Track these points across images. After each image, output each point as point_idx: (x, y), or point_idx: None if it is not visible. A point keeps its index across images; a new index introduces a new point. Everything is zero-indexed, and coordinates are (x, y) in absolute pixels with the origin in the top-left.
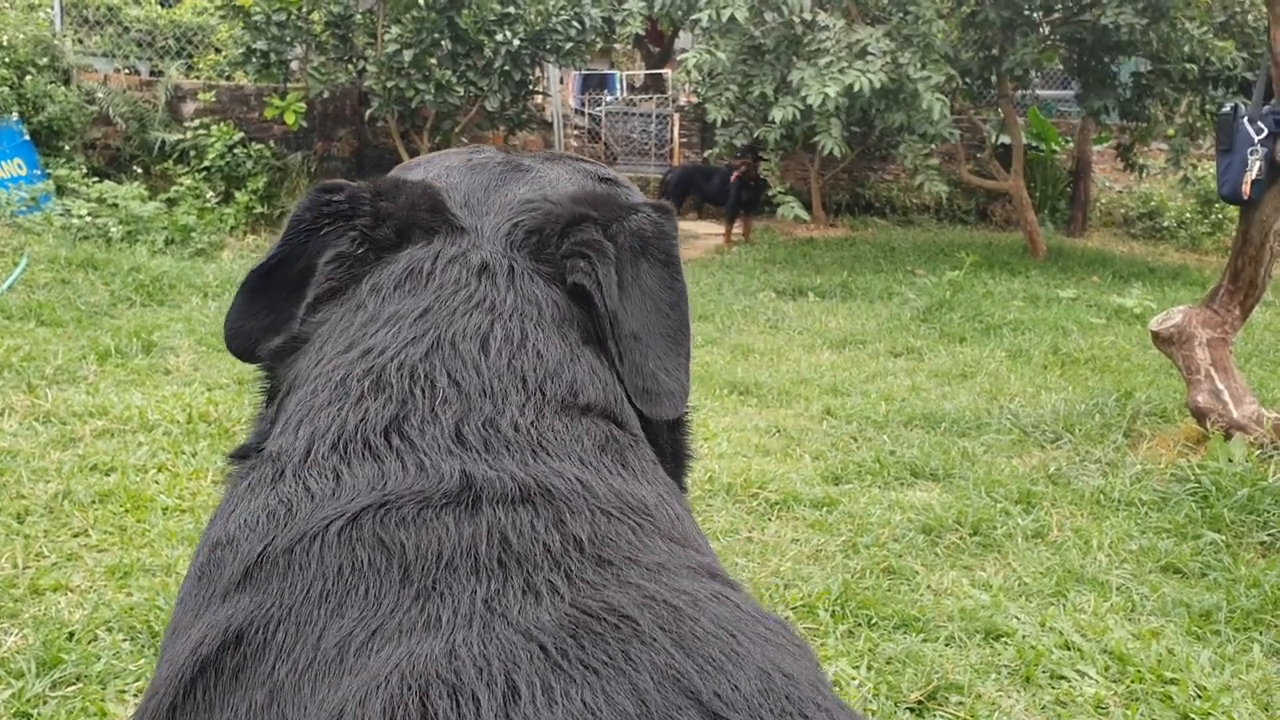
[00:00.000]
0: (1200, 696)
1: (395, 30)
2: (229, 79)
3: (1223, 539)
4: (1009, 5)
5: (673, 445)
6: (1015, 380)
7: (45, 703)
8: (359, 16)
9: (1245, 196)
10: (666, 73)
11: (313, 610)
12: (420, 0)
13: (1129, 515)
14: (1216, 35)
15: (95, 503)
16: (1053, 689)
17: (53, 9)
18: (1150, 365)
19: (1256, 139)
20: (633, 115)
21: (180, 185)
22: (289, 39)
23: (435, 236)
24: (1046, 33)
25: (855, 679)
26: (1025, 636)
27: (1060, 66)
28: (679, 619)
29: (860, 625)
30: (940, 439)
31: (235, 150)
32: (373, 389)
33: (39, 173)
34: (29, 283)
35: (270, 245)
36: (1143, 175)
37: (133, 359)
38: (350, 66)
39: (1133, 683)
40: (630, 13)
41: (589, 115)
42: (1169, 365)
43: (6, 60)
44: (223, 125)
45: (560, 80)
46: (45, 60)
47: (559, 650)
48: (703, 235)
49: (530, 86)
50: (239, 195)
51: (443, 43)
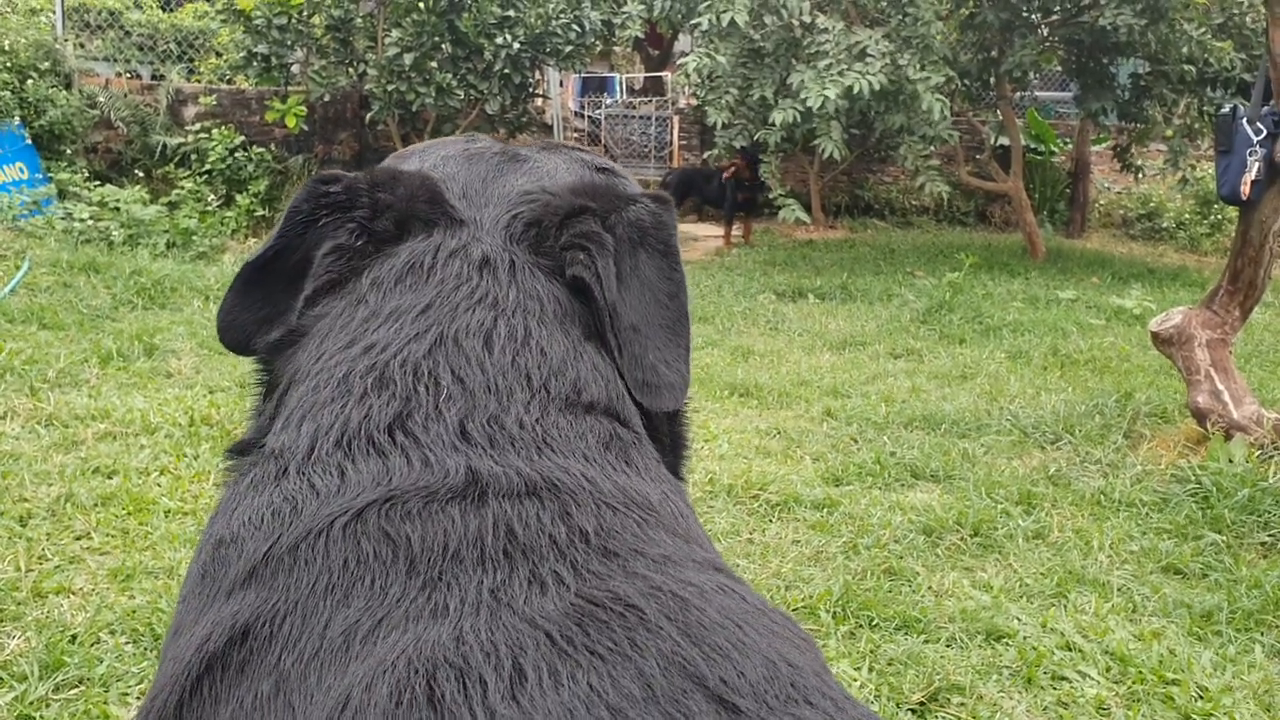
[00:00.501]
0: (1202, 697)
1: (395, 34)
2: (230, 83)
3: (1223, 540)
4: (1007, 7)
5: (672, 436)
6: (1015, 381)
7: (48, 706)
8: (359, 20)
9: (1244, 197)
10: (666, 75)
11: (319, 602)
12: (420, 4)
13: (1130, 516)
14: (1215, 36)
15: (98, 506)
16: (1054, 690)
17: (54, 13)
18: (1150, 366)
19: (1255, 140)
20: (632, 118)
21: (181, 189)
22: (290, 43)
23: (435, 229)
24: (1045, 34)
25: (857, 680)
26: (1026, 637)
27: (1059, 68)
28: (685, 608)
29: (861, 626)
30: (940, 440)
31: (236, 154)
32: (376, 386)
33: (41, 176)
34: (31, 286)
35: (266, 237)
36: (1140, 176)
37: (134, 362)
38: (351, 70)
39: (1134, 684)
40: (630, 16)
41: (589, 118)
42: (1169, 366)
43: (8, 65)
44: (224, 129)
45: (560, 83)
46: (47, 64)
47: (565, 637)
48: (702, 237)
49: (530, 89)
50: (240, 198)
51: (443, 46)
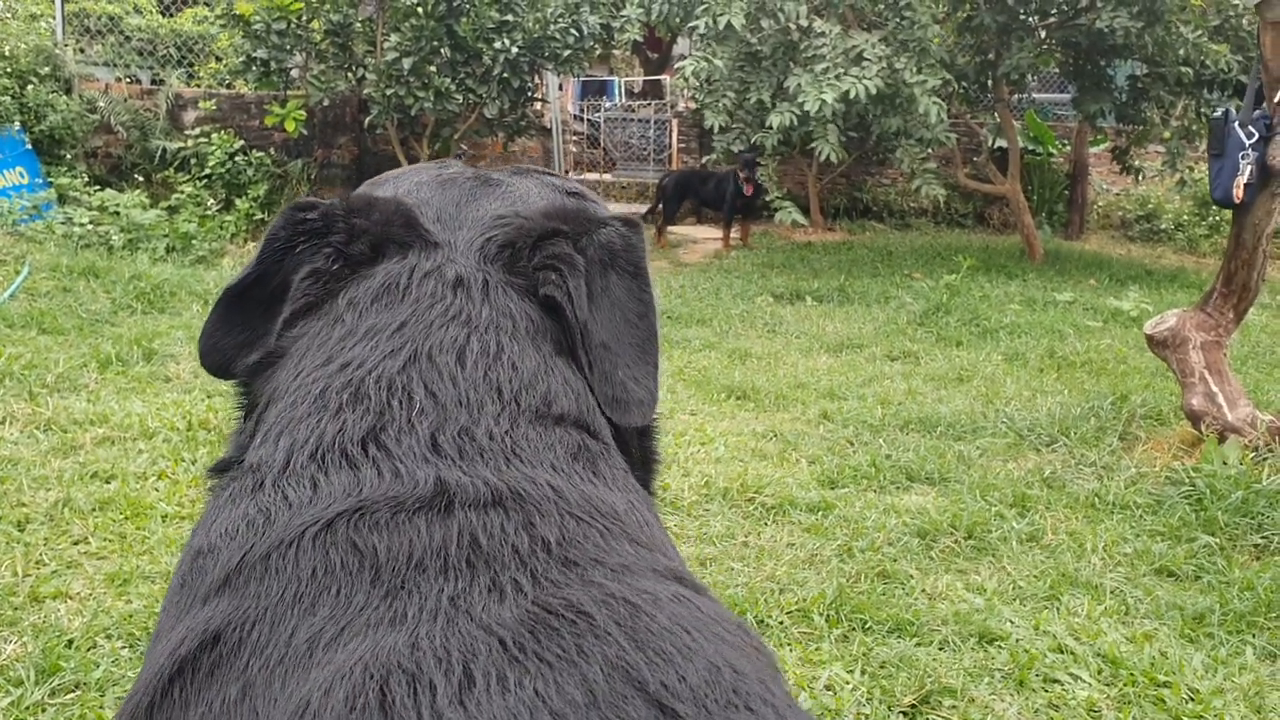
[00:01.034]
0: (1193, 699)
1: (394, 38)
2: (229, 87)
3: (1217, 542)
4: (1004, 10)
5: (642, 451)
6: (1011, 384)
7: (44, 710)
8: (358, 25)
9: (1237, 200)
10: (664, 79)
11: (286, 610)
12: (419, 8)
13: (1123, 518)
14: (1211, 39)
15: (95, 510)
16: (1046, 692)
17: (54, 19)
18: (1146, 368)
19: (1247, 143)
20: (631, 121)
21: (181, 193)
22: (289, 47)
23: (410, 251)
24: (1042, 37)
25: (849, 683)
26: (1019, 640)
27: (1056, 70)
28: (635, 615)
29: (854, 629)
30: (936, 443)
31: (236, 158)
32: (351, 401)
33: (41, 181)
34: (30, 291)
35: (245, 264)
36: (1138, 178)
37: (133, 367)
38: (350, 74)
39: (1125, 686)
40: (628, 20)
41: (588, 121)
42: (1164, 368)
43: (9, 70)
44: (223, 133)
45: (559, 87)
46: (47, 69)
47: (516, 644)
48: (700, 240)
49: (529, 93)
50: (240, 203)
51: (442, 50)
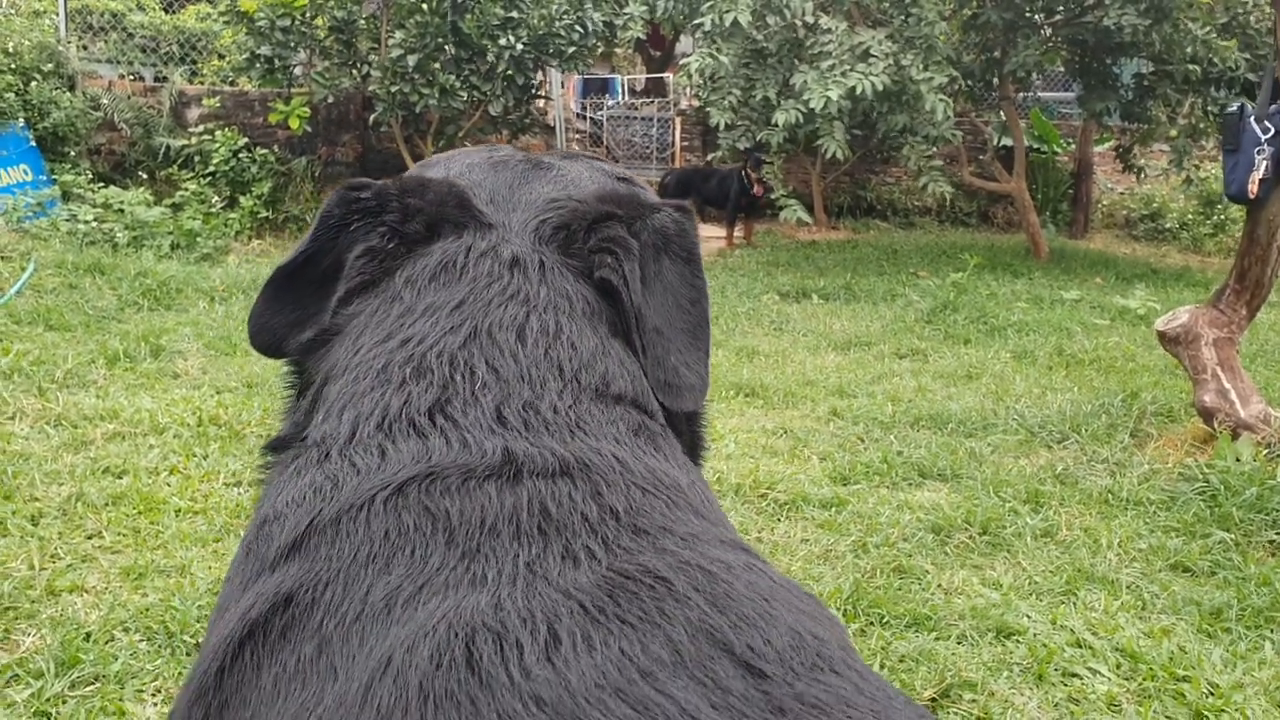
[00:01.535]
0: (1212, 694)
1: (399, 35)
2: (233, 84)
3: (1232, 537)
4: (1011, 7)
5: (691, 436)
6: (1021, 381)
7: (64, 702)
8: (363, 22)
9: (1252, 196)
10: (668, 76)
11: (360, 570)
12: (424, 5)
13: (1137, 514)
14: (1219, 36)
15: (108, 505)
16: (1065, 686)
17: (57, 15)
18: (1155, 366)
19: (1263, 138)
20: (634, 119)
21: (185, 190)
22: (293, 44)
23: (465, 231)
24: (1048, 34)
25: None
26: (1036, 634)
27: (1062, 68)
28: (713, 582)
29: (872, 624)
30: (947, 439)
31: (240, 155)
32: (414, 375)
33: (45, 178)
34: (36, 288)
35: (298, 243)
36: (1142, 177)
37: (141, 363)
38: (354, 71)
39: (1145, 680)
40: (632, 17)
41: (590, 119)
42: (1174, 365)
43: (12, 67)
44: (227, 130)
45: (562, 84)
46: (50, 66)
47: (597, 607)
48: (704, 238)
49: (533, 90)
50: (244, 200)
51: (446, 47)
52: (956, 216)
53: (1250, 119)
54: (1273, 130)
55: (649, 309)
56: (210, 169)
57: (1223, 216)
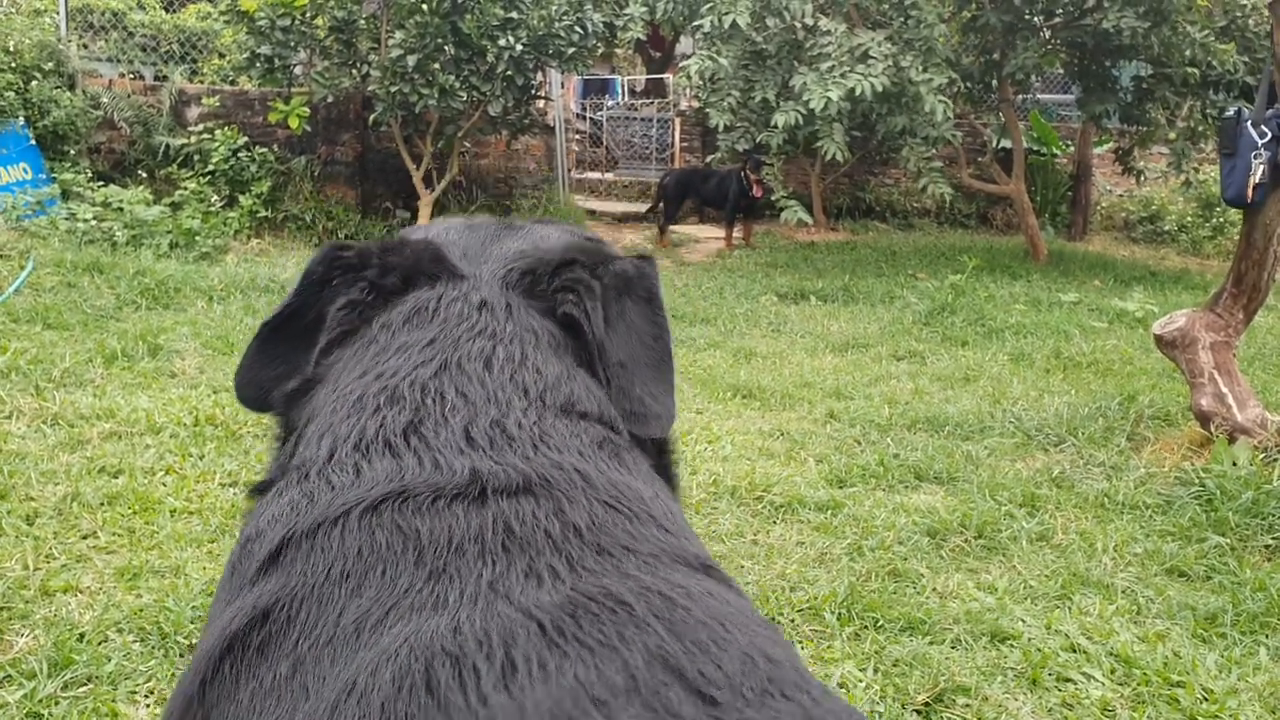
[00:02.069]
0: (1207, 699)
1: (399, 35)
2: (233, 84)
3: (1227, 542)
4: (1010, 9)
5: (660, 469)
6: (1018, 384)
7: (57, 703)
8: (363, 21)
9: (1249, 200)
10: (667, 77)
11: (334, 589)
12: (423, 5)
13: (1133, 518)
14: (1218, 39)
15: (104, 505)
16: (1059, 691)
17: (58, 14)
18: (1153, 369)
19: (1260, 143)
20: (634, 120)
21: (185, 189)
22: (293, 44)
23: (438, 282)
24: (1047, 37)
25: (862, 681)
26: (1031, 639)
27: (1061, 71)
28: (671, 607)
29: (866, 628)
30: (944, 442)
31: (239, 154)
32: (388, 402)
33: (44, 177)
34: (35, 286)
35: (281, 299)
36: (1141, 179)
37: (139, 362)
38: (354, 71)
39: (1139, 685)
40: (632, 18)
41: (590, 120)
42: (1171, 369)
43: (12, 65)
44: (227, 130)
45: (562, 85)
46: (50, 65)
47: (556, 628)
48: (703, 239)
49: (533, 91)
50: (243, 199)
51: (446, 48)
52: (955, 218)
53: (1247, 123)
54: (1269, 135)
55: (612, 344)
56: (210, 168)
57: (1221, 219)
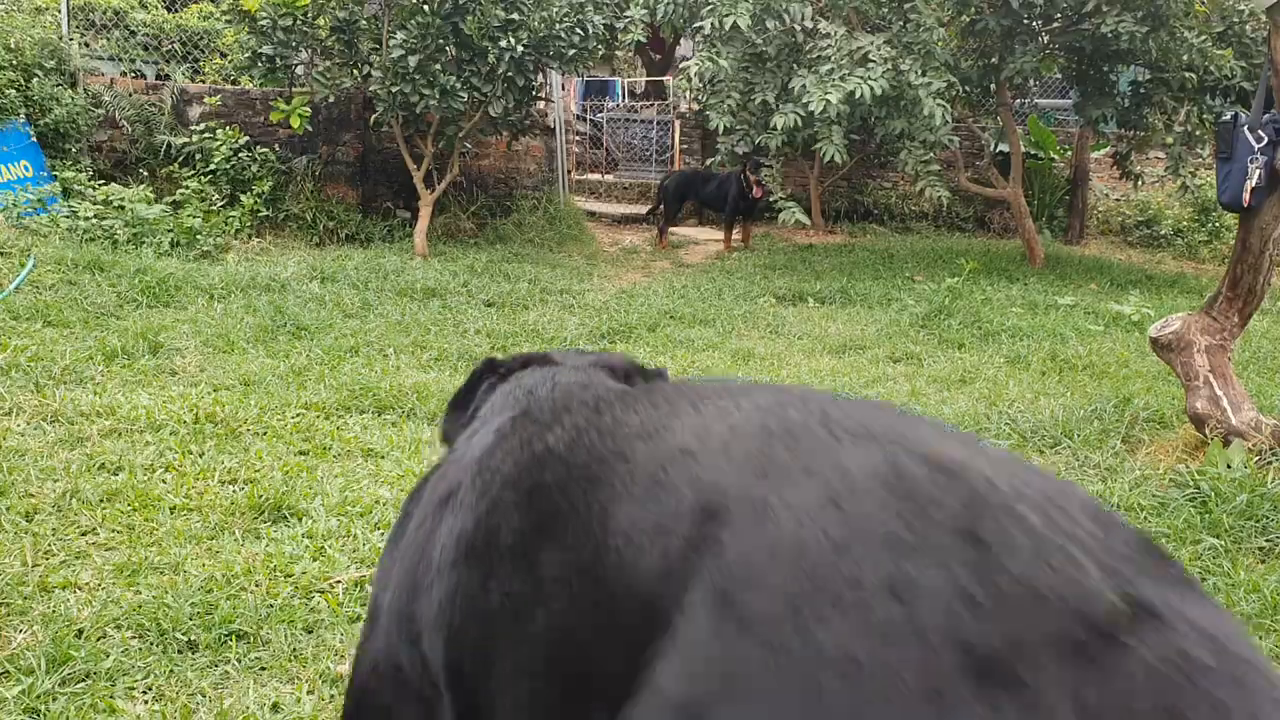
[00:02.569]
0: None
1: (400, 36)
2: (235, 83)
3: (1222, 544)
4: (1009, 14)
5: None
6: (1014, 386)
7: (55, 699)
8: (364, 22)
9: (1245, 204)
10: (667, 80)
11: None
12: (425, 6)
13: (1128, 520)
14: (1215, 44)
15: (103, 501)
16: None
17: (59, 12)
18: (1148, 372)
19: (1257, 147)
20: (634, 121)
21: (186, 188)
22: (295, 44)
23: (544, 365)
24: (1046, 41)
25: None
26: None
27: (1059, 75)
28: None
29: None
30: None
31: (241, 154)
32: (524, 388)
33: (45, 175)
34: (35, 284)
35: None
36: (1139, 184)
37: (139, 360)
38: (355, 71)
39: None
40: (632, 20)
41: (590, 121)
42: (1167, 372)
43: (13, 63)
44: (228, 129)
45: (563, 86)
46: (52, 63)
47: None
48: (702, 241)
49: (533, 92)
50: (244, 198)
51: (447, 49)
52: (953, 222)
53: (1244, 128)
54: (1266, 139)
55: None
56: (211, 167)
57: (1218, 224)
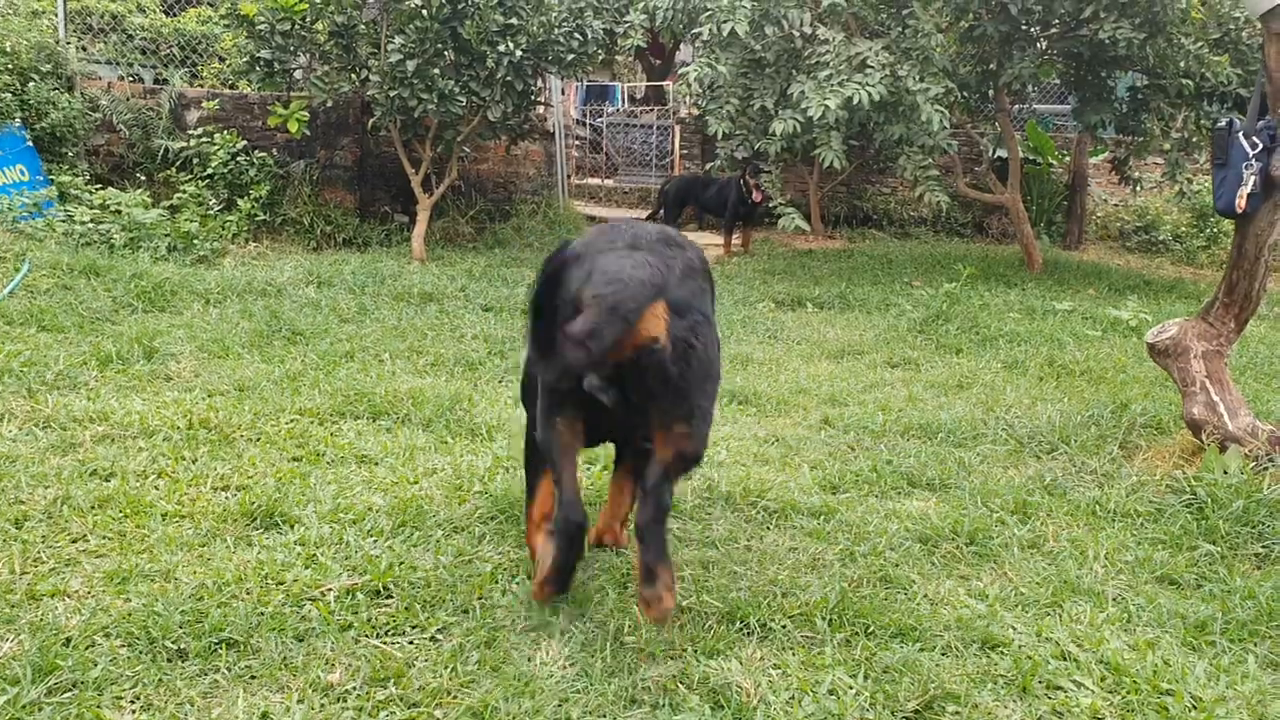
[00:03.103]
0: (1196, 707)
1: (398, 40)
2: (233, 87)
3: (1218, 550)
4: (1007, 20)
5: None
6: (1011, 391)
7: (41, 709)
8: (362, 26)
9: (1240, 210)
10: (667, 85)
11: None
12: (423, 11)
13: (1125, 526)
14: (1212, 51)
15: (94, 508)
16: (1049, 699)
17: (56, 16)
18: (1145, 377)
19: (1251, 154)
20: (634, 126)
21: (183, 192)
22: (293, 48)
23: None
24: (1044, 47)
25: (852, 688)
26: (1021, 646)
27: (1057, 81)
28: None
29: (857, 634)
30: (937, 449)
31: (238, 158)
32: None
33: (41, 179)
34: (30, 288)
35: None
36: (1137, 189)
37: (134, 365)
38: (353, 76)
39: (1129, 693)
40: (632, 25)
41: (590, 126)
42: (1164, 377)
43: (10, 66)
44: (226, 133)
45: (562, 91)
46: (49, 67)
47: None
48: (702, 246)
49: (532, 97)
50: (242, 203)
51: (445, 53)
52: (951, 227)
53: (1239, 134)
54: (1261, 145)
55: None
56: (208, 171)
57: (1215, 230)
